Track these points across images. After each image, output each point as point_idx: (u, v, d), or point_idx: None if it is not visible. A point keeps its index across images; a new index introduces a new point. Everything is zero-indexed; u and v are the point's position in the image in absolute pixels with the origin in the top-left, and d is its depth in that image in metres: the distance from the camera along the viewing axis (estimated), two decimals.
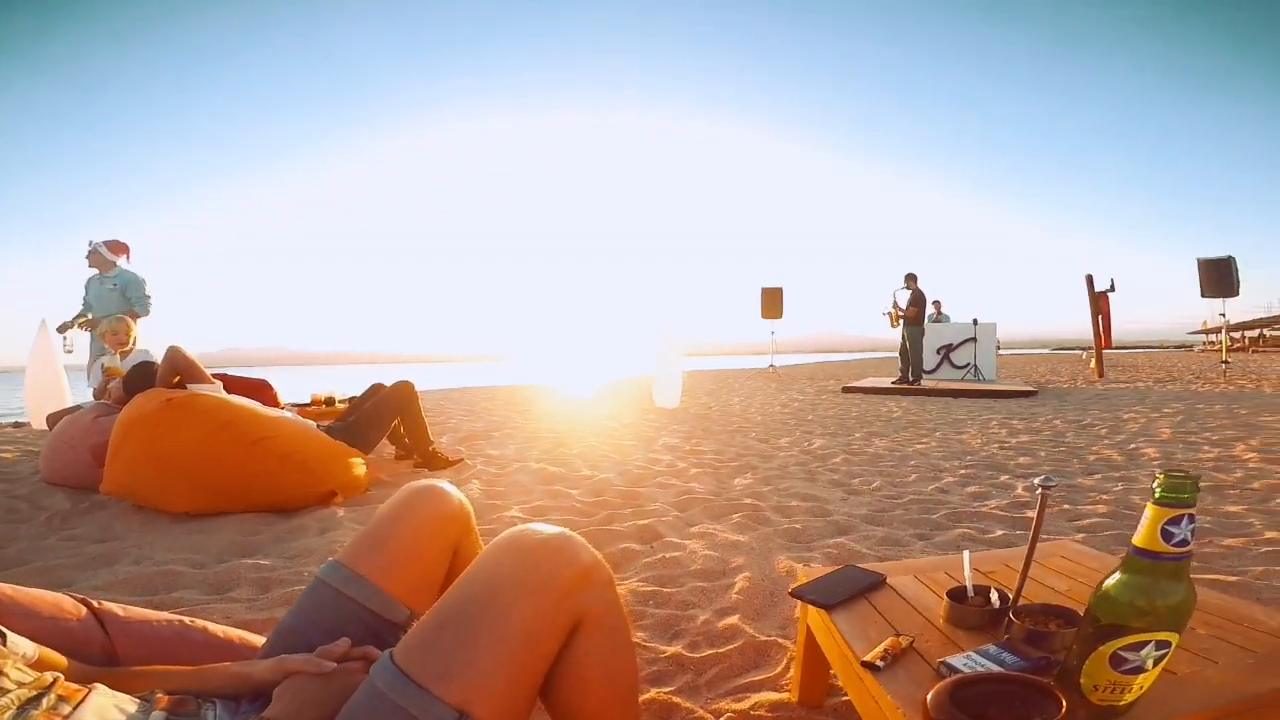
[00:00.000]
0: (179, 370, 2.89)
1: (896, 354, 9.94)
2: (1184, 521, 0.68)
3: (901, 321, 9.69)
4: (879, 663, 0.85)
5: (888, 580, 1.18)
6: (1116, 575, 0.71)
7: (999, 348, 12.45)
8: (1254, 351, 29.71)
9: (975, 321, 10.99)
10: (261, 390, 3.95)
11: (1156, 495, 0.70)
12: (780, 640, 1.57)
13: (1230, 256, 10.85)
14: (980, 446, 4.43)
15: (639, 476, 3.57)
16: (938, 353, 11.07)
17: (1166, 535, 0.68)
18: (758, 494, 3.13)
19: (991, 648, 0.85)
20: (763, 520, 2.69)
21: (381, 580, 0.90)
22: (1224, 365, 12.56)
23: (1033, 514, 2.39)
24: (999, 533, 2.41)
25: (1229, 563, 2.05)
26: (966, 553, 1.12)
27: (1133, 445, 4.30)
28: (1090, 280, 11.97)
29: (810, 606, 1.14)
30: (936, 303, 12.69)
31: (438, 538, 0.96)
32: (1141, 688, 0.71)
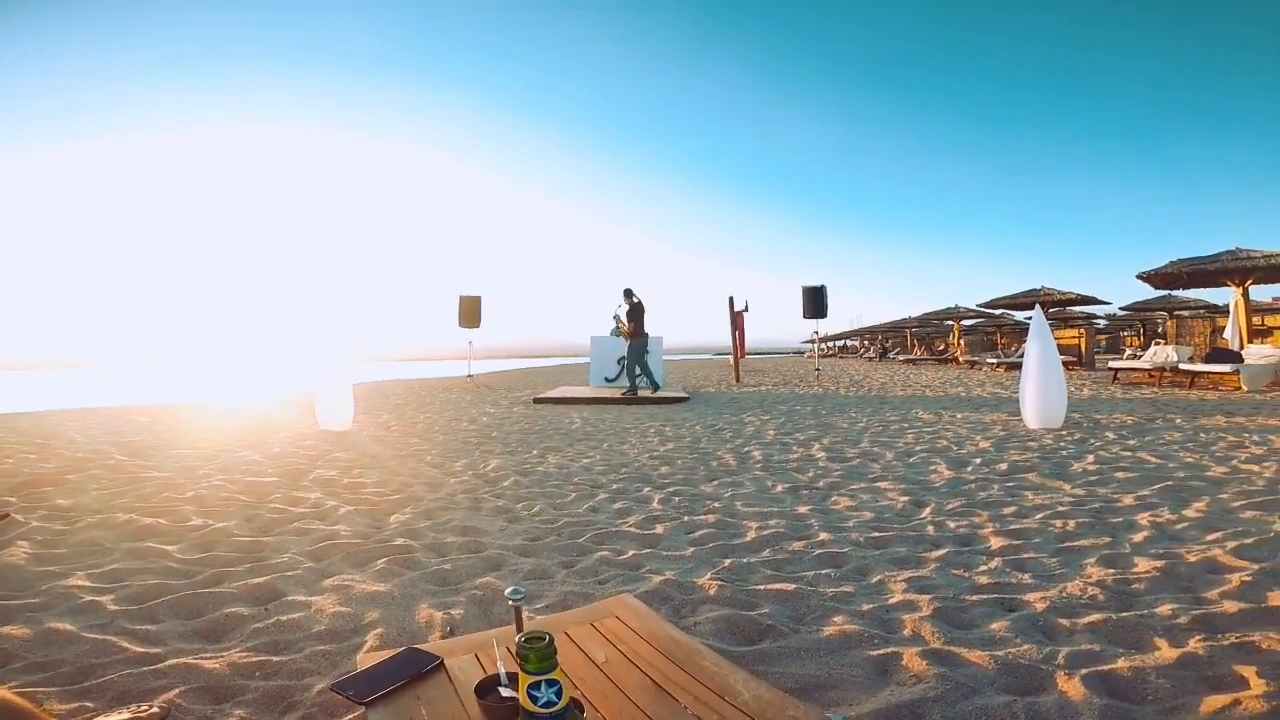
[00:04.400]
0: None
1: (589, 359, 10.66)
2: (543, 686, 0.73)
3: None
4: None
5: (445, 663, 1.11)
6: None
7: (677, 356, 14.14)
8: (839, 358, 39.52)
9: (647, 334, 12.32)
10: None
11: (523, 663, 0.74)
12: None
13: (823, 285, 14.18)
14: (635, 457, 4.89)
15: (270, 523, 3.06)
16: (618, 363, 12.10)
17: (533, 698, 0.73)
18: (414, 531, 2.94)
19: None
20: (412, 564, 2.52)
21: None
22: (817, 371, 16.40)
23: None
24: (631, 553, 2.63)
25: (791, 568, 2.42)
26: (495, 635, 1.12)
27: (746, 449, 5.21)
28: (731, 301, 14.45)
29: None
30: (616, 316, 13.97)
31: None
32: None
